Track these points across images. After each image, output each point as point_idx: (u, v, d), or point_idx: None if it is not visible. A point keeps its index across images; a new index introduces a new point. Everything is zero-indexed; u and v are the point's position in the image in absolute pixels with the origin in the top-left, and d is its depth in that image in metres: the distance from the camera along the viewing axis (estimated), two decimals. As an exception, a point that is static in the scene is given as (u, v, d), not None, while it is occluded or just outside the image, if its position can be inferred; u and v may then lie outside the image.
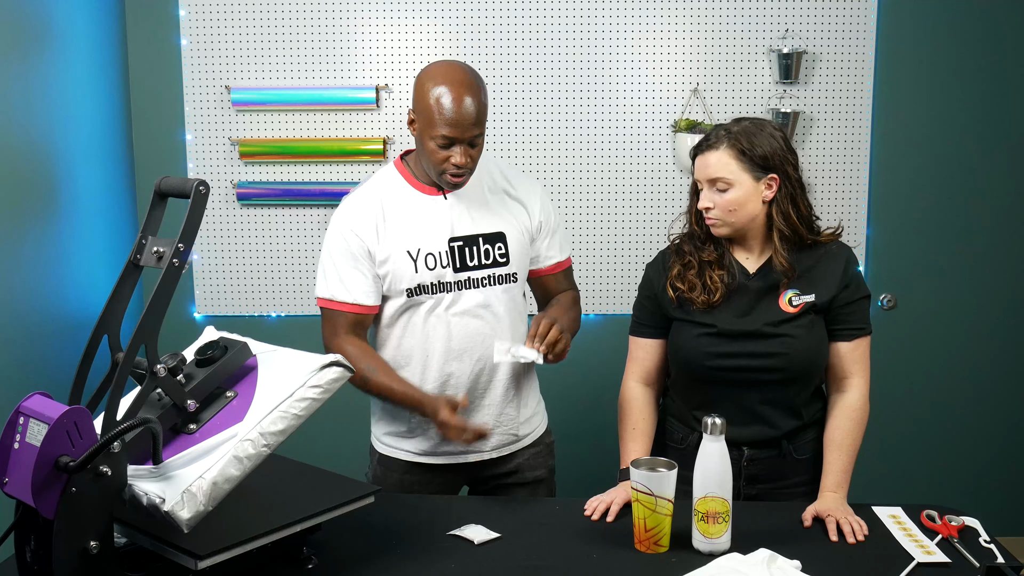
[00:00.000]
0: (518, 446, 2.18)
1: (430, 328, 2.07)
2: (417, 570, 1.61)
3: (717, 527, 1.65)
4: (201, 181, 1.42)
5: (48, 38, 2.74)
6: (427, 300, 2.06)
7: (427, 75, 1.98)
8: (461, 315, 2.07)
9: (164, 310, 1.41)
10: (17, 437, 1.34)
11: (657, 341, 2.05)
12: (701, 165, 1.93)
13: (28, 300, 2.61)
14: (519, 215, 2.14)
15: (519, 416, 2.16)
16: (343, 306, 2.07)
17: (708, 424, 1.68)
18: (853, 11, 3.25)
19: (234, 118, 3.29)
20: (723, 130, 1.93)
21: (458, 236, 2.06)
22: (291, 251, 3.36)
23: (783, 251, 1.92)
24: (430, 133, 1.95)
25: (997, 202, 3.38)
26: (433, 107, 1.93)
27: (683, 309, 1.98)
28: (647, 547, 1.67)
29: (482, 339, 2.07)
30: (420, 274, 2.04)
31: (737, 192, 1.90)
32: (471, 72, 1.98)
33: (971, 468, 3.50)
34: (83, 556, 1.33)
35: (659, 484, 1.65)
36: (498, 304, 2.09)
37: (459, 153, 1.96)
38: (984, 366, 3.46)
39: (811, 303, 1.93)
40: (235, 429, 1.46)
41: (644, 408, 2.04)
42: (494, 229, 2.09)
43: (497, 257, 2.09)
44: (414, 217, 2.06)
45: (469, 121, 1.93)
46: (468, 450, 2.12)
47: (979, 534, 1.75)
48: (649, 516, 1.65)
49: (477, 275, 2.08)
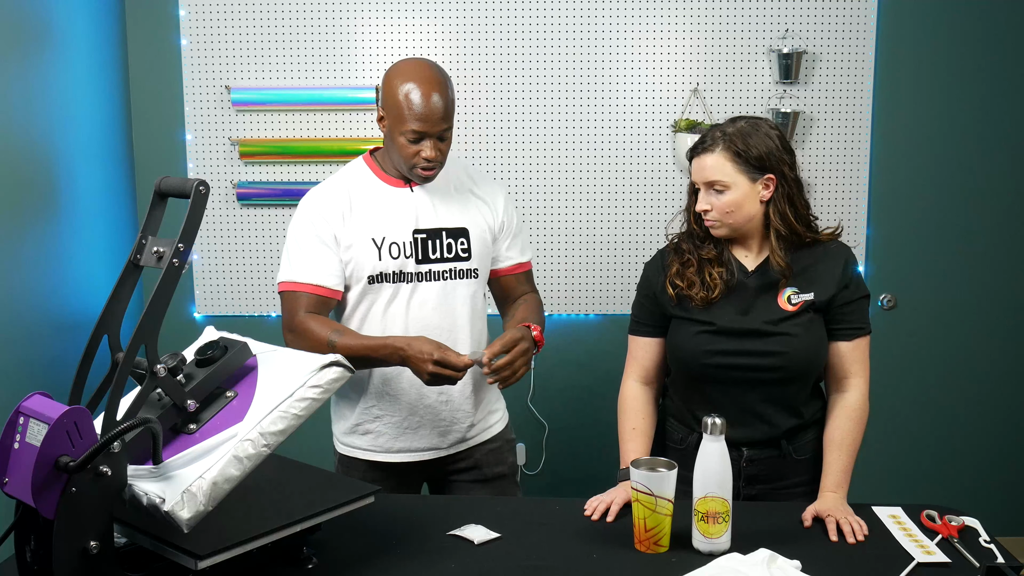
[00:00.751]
0: (475, 442, 2.20)
1: (388, 320, 2.09)
2: (417, 570, 1.61)
3: (717, 527, 1.65)
4: (201, 181, 1.42)
5: (48, 38, 2.74)
6: (387, 289, 2.08)
7: (395, 72, 2.03)
8: (420, 307, 2.09)
9: (164, 310, 1.41)
10: (17, 437, 1.34)
11: (656, 340, 2.05)
12: (698, 167, 1.93)
13: (28, 300, 2.61)
14: (483, 213, 2.18)
15: (476, 412, 2.18)
16: (305, 287, 2.06)
17: (708, 424, 1.67)
18: (853, 11, 3.25)
19: (234, 118, 3.29)
20: (718, 131, 1.92)
21: (422, 228, 2.10)
22: (291, 251, 3.36)
23: (780, 250, 1.92)
24: (400, 128, 2.00)
25: (997, 202, 3.38)
26: (403, 103, 1.98)
27: (682, 307, 1.98)
28: (647, 547, 1.67)
29: (439, 333, 2.09)
30: (383, 262, 2.07)
31: (734, 194, 1.90)
32: (438, 69, 2.04)
33: (971, 468, 3.50)
34: (83, 556, 1.33)
35: (659, 484, 1.65)
36: (457, 299, 2.12)
37: (429, 147, 2.01)
38: (984, 366, 3.46)
39: (810, 302, 1.93)
40: (235, 429, 1.46)
41: (643, 408, 2.04)
42: (458, 224, 2.13)
43: (459, 252, 2.13)
44: (380, 207, 2.10)
45: (438, 116, 1.99)
46: (426, 447, 2.15)
47: (979, 534, 1.75)
48: (649, 516, 1.65)
49: (438, 268, 2.11)
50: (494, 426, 2.25)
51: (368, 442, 2.16)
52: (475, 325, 2.16)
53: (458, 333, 2.13)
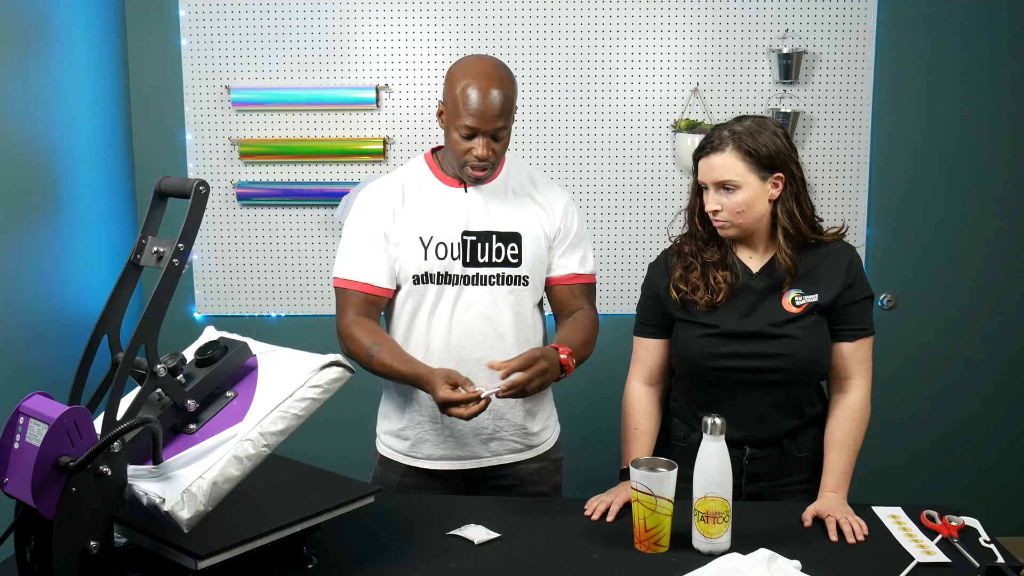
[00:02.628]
0: (520, 457, 2.14)
1: (434, 323, 2.06)
2: (417, 570, 1.61)
3: (717, 527, 1.65)
4: (201, 181, 1.42)
5: (48, 38, 2.74)
6: (432, 291, 2.05)
7: (457, 67, 2.01)
8: (464, 312, 2.05)
9: (164, 310, 1.41)
10: (17, 437, 1.34)
11: (661, 341, 2.05)
12: (706, 168, 1.92)
13: (28, 300, 2.61)
14: (539, 218, 2.10)
15: (526, 425, 2.12)
16: (355, 285, 2.05)
17: (708, 424, 1.67)
18: (853, 11, 3.25)
19: (234, 118, 3.29)
20: (726, 131, 1.91)
21: (472, 230, 2.05)
22: (291, 251, 3.36)
23: (787, 249, 1.92)
24: (455, 124, 1.97)
25: (997, 202, 3.38)
26: (459, 98, 1.95)
27: (686, 310, 1.98)
28: (647, 547, 1.67)
29: (483, 340, 2.05)
30: (429, 262, 2.03)
31: (745, 193, 1.89)
32: (500, 66, 2.00)
33: (971, 468, 3.50)
34: (83, 556, 1.33)
35: (659, 484, 1.65)
36: (503, 306, 2.06)
37: (481, 145, 1.97)
38: (984, 366, 3.46)
39: (814, 303, 1.93)
40: (235, 429, 1.46)
41: (647, 408, 2.03)
42: (510, 228, 2.07)
43: (509, 257, 2.06)
44: (431, 205, 2.06)
45: (492, 113, 1.95)
46: (468, 456, 2.10)
47: (979, 534, 1.75)
48: (649, 516, 1.65)
49: (486, 272, 2.05)
50: (543, 444, 2.17)
51: (408, 447, 2.12)
52: (523, 334, 2.08)
53: (504, 341, 2.06)
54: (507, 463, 2.13)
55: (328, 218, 3.33)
